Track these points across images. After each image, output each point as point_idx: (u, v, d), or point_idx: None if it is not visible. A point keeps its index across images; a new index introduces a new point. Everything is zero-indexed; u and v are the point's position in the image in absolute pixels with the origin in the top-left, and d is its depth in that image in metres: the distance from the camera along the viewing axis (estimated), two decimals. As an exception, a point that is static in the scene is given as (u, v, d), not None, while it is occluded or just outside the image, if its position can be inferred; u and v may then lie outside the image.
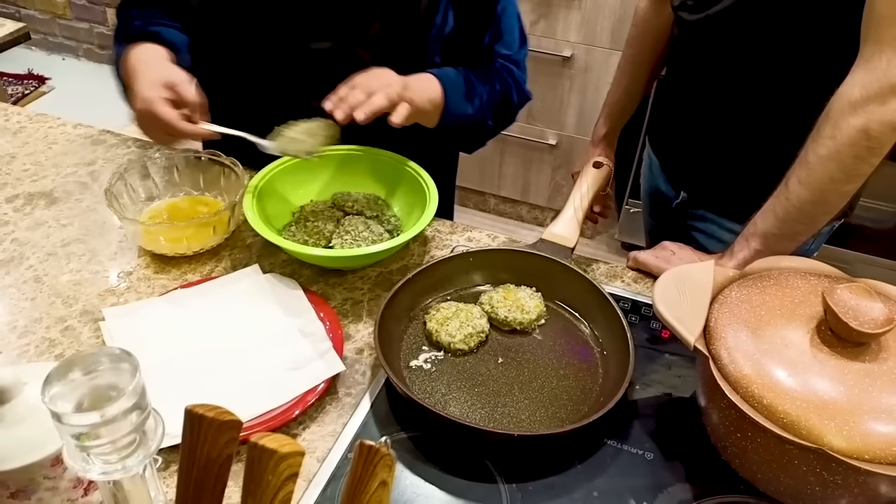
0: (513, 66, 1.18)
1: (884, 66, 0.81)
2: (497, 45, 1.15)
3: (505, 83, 1.16)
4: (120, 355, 0.53)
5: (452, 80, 1.08)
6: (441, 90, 1.05)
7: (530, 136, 2.45)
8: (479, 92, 1.11)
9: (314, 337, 0.87)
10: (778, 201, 0.92)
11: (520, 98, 1.19)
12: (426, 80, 1.05)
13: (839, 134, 0.84)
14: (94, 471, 0.52)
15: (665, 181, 1.25)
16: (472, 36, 1.13)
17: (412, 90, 0.98)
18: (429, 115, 1.05)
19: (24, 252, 1.02)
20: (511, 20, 1.16)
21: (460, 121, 1.09)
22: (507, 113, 1.19)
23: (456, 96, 1.07)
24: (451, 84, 1.07)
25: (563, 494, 0.74)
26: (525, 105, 1.22)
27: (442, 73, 1.07)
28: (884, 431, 0.63)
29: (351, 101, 0.92)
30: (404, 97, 0.96)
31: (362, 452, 0.48)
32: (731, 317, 0.73)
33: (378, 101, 0.92)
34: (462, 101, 1.09)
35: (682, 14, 1.06)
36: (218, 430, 0.51)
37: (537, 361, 0.88)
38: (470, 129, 1.14)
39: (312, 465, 0.75)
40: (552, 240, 0.99)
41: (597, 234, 2.64)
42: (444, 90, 1.05)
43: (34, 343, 0.89)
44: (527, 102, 1.22)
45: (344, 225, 1.02)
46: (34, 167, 1.20)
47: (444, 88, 1.05)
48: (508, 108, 1.18)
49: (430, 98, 1.03)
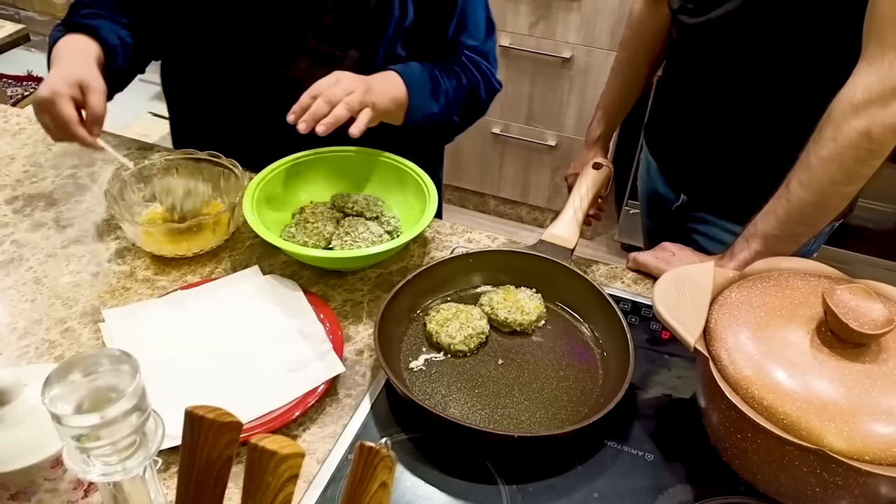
0: (480, 58, 1.16)
1: (886, 69, 0.81)
2: (462, 35, 1.14)
3: (472, 77, 1.15)
4: (120, 357, 0.53)
5: (417, 77, 1.07)
6: (405, 89, 1.05)
7: (530, 138, 2.45)
8: (444, 89, 1.11)
9: (314, 338, 0.87)
10: (779, 203, 0.92)
11: (488, 91, 1.18)
12: (390, 80, 1.05)
13: (841, 136, 0.84)
14: (94, 472, 0.52)
15: (664, 184, 1.25)
16: (434, 28, 1.12)
17: (374, 93, 0.98)
18: (393, 115, 1.05)
19: (23, 254, 1.02)
20: (476, 10, 1.15)
21: (425, 119, 1.09)
22: (475, 108, 1.19)
23: (420, 95, 1.07)
24: (416, 82, 1.07)
25: (564, 496, 0.74)
26: (495, 96, 1.22)
27: (406, 71, 1.07)
28: (884, 432, 0.63)
29: (314, 113, 0.92)
30: (366, 102, 0.96)
31: (362, 454, 0.48)
32: (731, 318, 0.73)
33: (340, 113, 0.93)
34: (427, 100, 1.08)
35: (683, 17, 1.06)
36: (218, 432, 0.51)
37: (537, 363, 0.88)
38: (435, 126, 1.13)
39: (312, 467, 0.75)
40: (552, 241, 0.99)
41: (596, 236, 2.64)
42: (408, 89, 1.05)
43: (34, 345, 0.89)
44: (496, 94, 1.21)
45: (344, 226, 1.02)
46: (34, 169, 1.20)
47: (409, 87, 1.05)
48: (476, 102, 1.18)
49: (394, 98, 1.03)
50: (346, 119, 0.94)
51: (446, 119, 1.13)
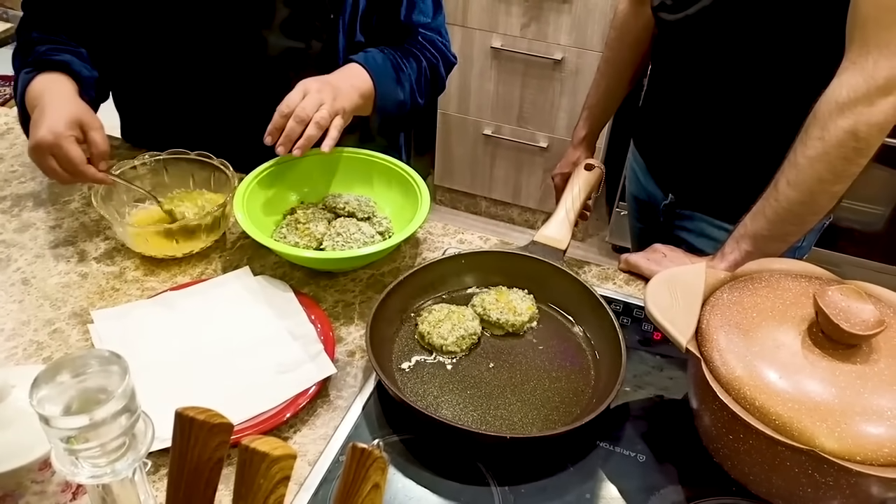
0: (434, 34, 1.19)
1: (870, 68, 0.82)
2: (414, 14, 1.17)
3: (431, 57, 1.18)
4: (109, 357, 0.52)
5: (380, 66, 1.10)
6: (370, 80, 1.07)
7: (521, 139, 2.45)
8: (407, 73, 1.13)
9: (305, 339, 0.87)
10: (767, 203, 0.92)
11: (446, 67, 1.22)
12: (354, 73, 1.07)
13: (827, 135, 0.85)
14: (83, 474, 0.52)
15: (652, 183, 1.25)
16: (386, 11, 1.15)
17: (342, 95, 1.01)
18: (362, 109, 1.07)
19: (11, 254, 1.01)
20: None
21: (394, 106, 1.12)
22: (437, 85, 1.22)
23: (386, 84, 1.10)
24: (380, 71, 1.09)
25: (556, 497, 0.74)
26: (452, 70, 1.25)
27: (369, 61, 1.09)
28: (875, 433, 0.63)
29: (289, 135, 0.96)
30: (336, 110, 0.98)
31: (355, 455, 0.48)
32: (722, 319, 0.73)
33: (311, 134, 0.96)
34: (393, 87, 1.11)
35: (662, 14, 1.07)
36: (209, 433, 0.50)
37: (529, 363, 0.88)
38: (403, 112, 1.16)
39: (303, 469, 0.75)
40: (544, 242, 0.99)
41: (587, 237, 2.65)
42: (373, 79, 1.07)
43: (22, 346, 0.88)
44: (453, 67, 1.25)
45: (335, 227, 1.01)
46: (22, 169, 1.19)
47: (374, 77, 1.08)
48: (437, 80, 1.21)
49: (361, 92, 1.05)
50: (318, 137, 0.97)
51: (413, 103, 1.16)
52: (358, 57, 1.09)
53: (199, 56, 1.11)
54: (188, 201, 1.05)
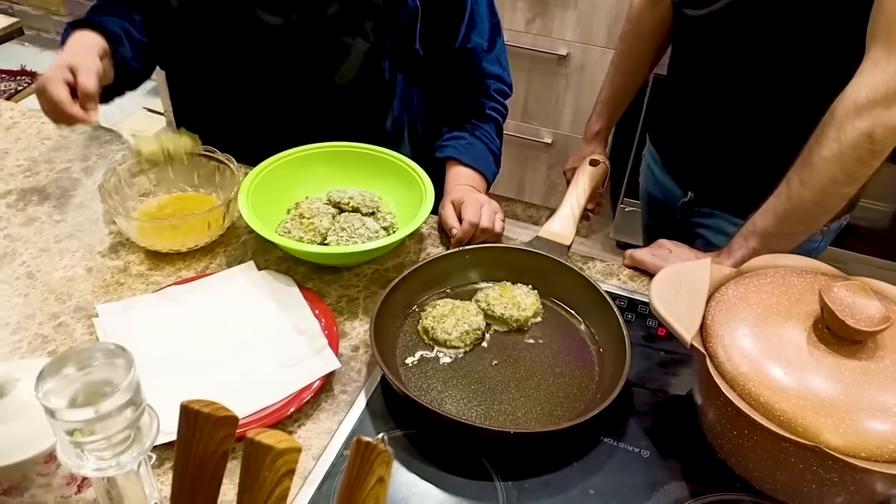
0: (502, 84, 1.23)
1: (891, 70, 0.81)
2: (473, 35, 1.18)
3: (500, 110, 1.24)
4: (114, 351, 0.52)
5: (482, 157, 1.18)
6: (482, 179, 1.17)
7: (526, 135, 2.45)
8: (497, 145, 1.23)
9: (309, 334, 0.87)
10: (779, 201, 0.92)
11: (507, 108, 1.27)
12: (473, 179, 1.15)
13: (843, 136, 0.84)
14: (88, 467, 0.52)
15: (670, 180, 1.24)
16: (446, 26, 1.16)
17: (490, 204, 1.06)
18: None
19: (16, 248, 1.02)
20: (481, 8, 1.19)
21: (494, 175, 1.23)
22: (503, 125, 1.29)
23: (489, 167, 1.20)
24: (485, 163, 1.18)
25: (560, 492, 0.74)
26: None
27: (476, 158, 1.17)
28: (880, 429, 0.63)
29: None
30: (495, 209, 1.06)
31: (359, 449, 0.48)
32: (728, 315, 0.73)
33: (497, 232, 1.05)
34: (492, 165, 1.21)
35: (686, 10, 1.06)
36: (214, 427, 0.50)
37: (533, 359, 0.88)
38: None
39: (308, 463, 0.75)
40: (549, 237, 0.99)
41: (592, 233, 2.65)
42: (483, 175, 1.17)
43: (27, 339, 0.88)
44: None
45: (339, 222, 1.01)
46: (27, 163, 1.19)
47: (482, 172, 1.17)
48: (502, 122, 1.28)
49: (484, 188, 1.17)
50: None
51: (499, 157, 1.26)
52: (464, 157, 1.16)
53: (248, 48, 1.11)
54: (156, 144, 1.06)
